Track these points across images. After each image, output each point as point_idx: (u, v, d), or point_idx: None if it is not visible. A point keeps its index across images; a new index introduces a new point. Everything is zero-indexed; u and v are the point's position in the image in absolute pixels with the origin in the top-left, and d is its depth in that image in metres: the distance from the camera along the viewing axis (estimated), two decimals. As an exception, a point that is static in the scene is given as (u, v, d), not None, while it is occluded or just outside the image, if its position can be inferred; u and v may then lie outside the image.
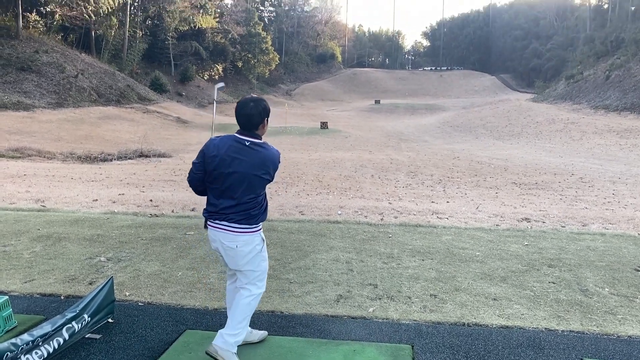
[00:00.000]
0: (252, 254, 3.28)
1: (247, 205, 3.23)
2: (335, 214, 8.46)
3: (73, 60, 44.70)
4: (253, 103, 3.20)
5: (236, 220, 3.22)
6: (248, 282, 3.36)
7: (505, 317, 4.23)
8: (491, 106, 56.54)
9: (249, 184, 3.20)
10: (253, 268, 3.32)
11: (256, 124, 3.22)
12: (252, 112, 3.18)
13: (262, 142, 3.27)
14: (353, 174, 17.34)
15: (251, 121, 3.19)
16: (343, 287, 4.89)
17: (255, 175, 3.19)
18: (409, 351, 3.62)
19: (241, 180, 3.18)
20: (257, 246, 3.31)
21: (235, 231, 3.23)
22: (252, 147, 3.21)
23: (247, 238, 3.24)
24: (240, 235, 3.23)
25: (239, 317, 3.29)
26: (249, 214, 3.24)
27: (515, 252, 6.16)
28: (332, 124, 46.07)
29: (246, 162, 3.18)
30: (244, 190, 3.20)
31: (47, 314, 4.05)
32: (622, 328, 4.07)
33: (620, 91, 43.96)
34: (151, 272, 5.20)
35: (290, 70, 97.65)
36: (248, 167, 3.17)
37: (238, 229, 3.23)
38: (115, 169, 17.80)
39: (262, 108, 3.20)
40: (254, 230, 3.28)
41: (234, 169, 3.17)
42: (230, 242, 3.24)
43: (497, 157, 24.89)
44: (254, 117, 3.18)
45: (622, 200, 11.90)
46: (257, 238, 3.32)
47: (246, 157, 3.19)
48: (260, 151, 3.22)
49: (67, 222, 7.34)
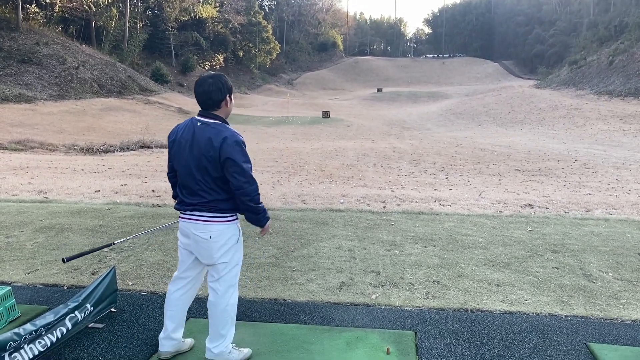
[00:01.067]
0: (228, 245, 3.03)
1: (212, 192, 2.95)
2: (337, 203, 8.45)
3: (74, 52, 44.60)
4: (212, 79, 2.93)
5: (207, 208, 2.97)
6: (218, 278, 3.09)
7: (508, 303, 4.22)
8: (494, 93, 56.29)
9: (205, 168, 2.91)
10: (227, 260, 3.04)
11: (217, 101, 2.94)
12: (211, 88, 2.91)
13: (216, 122, 2.95)
14: (355, 163, 17.31)
15: (211, 98, 2.92)
16: (346, 274, 4.88)
17: (206, 157, 2.88)
18: (412, 337, 3.61)
19: (197, 164, 2.93)
20: (234, 237, 3.05)
21: (207, 221, 2.98)
22: (202, 127, 2.93)
23: (221, 228, 2.98)
24: (213, 225, 2.97)
25: (221, 326, 3.11)
26: (216, 202, 2.96)
27: (518, 238, 6.14)
28: (334, 113, 45.96)
29: (197, 144, 2.91)
30: (202, 175, 2.93)
31: (50, 304, 4.05)
32: (626, 312, 4.06)
33: (624, 76, 43.66)
34: (154, 262, 5.20)
35: (291, 60, 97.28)
36: (198, 149, 2.90)
37: (210, 218, 2.97)
38: (117, 160, 17.81)
39: (222, 84, 2.93)
40: (228, 220, 3.01)
41: (189, 153, 2.94)
42: (202, 233, 2.98)
43: (500, 144, 24.81)
44: (213, 94, 2.91)
45: (625, 186, 11.86)
46: (233, 228, 3.05)
47: (196, 139, 2.92)
48: (208, 130, 2.90)
49: (69, 213, 7.35)
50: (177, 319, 3.26)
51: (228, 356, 3.16)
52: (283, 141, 27.26)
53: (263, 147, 23.10)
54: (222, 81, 2.95)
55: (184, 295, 3.27)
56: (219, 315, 3.12)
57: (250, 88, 73.55)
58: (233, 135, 2.90)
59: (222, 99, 2.95)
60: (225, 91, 2.96)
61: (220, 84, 2.94)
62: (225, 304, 3.11)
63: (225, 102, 2.98)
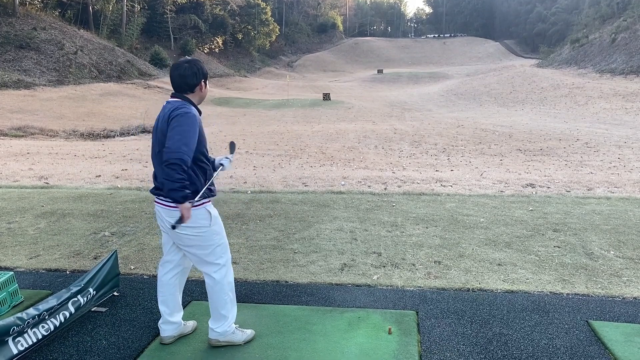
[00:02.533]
0: (198, 230, 2.95)
1: None
2: (338, 185, 8.44)
3: (72, 37, 44.30)
4: (187, 64, 2.94)
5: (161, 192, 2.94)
6: (203, 264, 3.06)
7: (510, 282, 4.23)
8: (495, 73, 55.92)
9: (161, 146, 2.87)
10: (201, 243, 2.98)
11: (191, 85, 2.94)
12: (187, 72, 2.91)
13: (179, 101, 2.91)
14: (357, 145, 17.27)
15: (186, 82, 2.91)
16: (347, 255, 4.89)
17: (163, 135, 2.84)
18: (414, 317, 3.63)
19: (157, 142, 2.92)
20: (203, 221, 2.96)
21: (171, 206, 2.90)
22: (167, 105, 2.93)
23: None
24: (176, 211, 2.85)
25: (220, 306, 3.10)
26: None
27: (519, 218, 6.13)
28: (335, 95, 45.74)
29: (160, 125, 2.90)
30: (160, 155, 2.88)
31: (53, 289, 4.07)
32: (627, 290, 4.06)
33: (626, 54, 43.26)
34: (155, 246, 5.21)
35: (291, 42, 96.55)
36: (160, 129, 2.89)
37: (169, 202, 2.91)
38: (118, 145, 17.79)
39: (198, 69, 2.94)
40: (195, 206, 2.88)
41: (154, 135, 2.96)
42: (170, 218, 2.92)
43: (501, 124, 24.69)
44: (189, 78, 2.91)
45: (627, 165, 11.83)
46: (201, 213, 2.95)
47: (160, 119, 2.92)
48: (168, 107, 2.89)
49: (70, 199, 7.35)
50: (171, 302, 3.24)
51: (231, 336, 3.19)
52: (283, 124, 27.16)
53: (263, 130, 23.04)
54: (197, 66, 2.97)
55: (173, 279, 3.24)
56: (216, 295, 3.12)
57: (249, 71, 73.12)
58: (185, 107, 2.84)
59: (196, 84, 2.96)
60: (200, 76, 2.97)
61: (196, 68, 2.95)
62: (220, 284, 3.09)
63: (200, 86, 2.99)
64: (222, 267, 3.10)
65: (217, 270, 3.09)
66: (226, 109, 37.14)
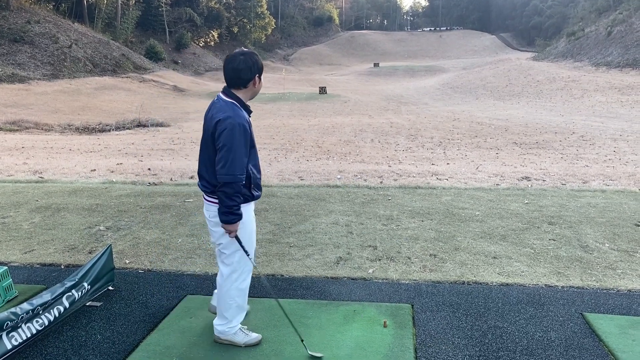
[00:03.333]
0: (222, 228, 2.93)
1: (209, 172, 2.92)
2: (334, 179, 8.42)
3: (66, 30, 44.01)
4: (243, 56, 2.80)
5: (205, 189, 2.97)
6: (223, 260, 3.08)
7: (505, 275, 4.23)
8: (491, 66, 55.86)
9: (207, 146, 2.89)
10: (224, 242, 2.99)
11: (245, 80, 2.82)
12: (241, 66, 2.79)
13: (230, 101, 2.85)
14: (353, 139, 17.24)
15: (240, 76, 2.81)
16: (343, 249, 4.89)
17: (208, 136, 2.85)
18: (409, 310, 3.63)
19: (204, 141, 2.92)
20: None
21: (207, 200, 2.99)
22: (216, 104, 2.87)
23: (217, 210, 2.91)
24: (210, 205, 2.96)
25: (223, 308, 3.12)
26: (211, 184, 2.92)
27: (515, 211, 6.14)
28: (331, 88, 45.65)
29: (206, 123, 2.88)
30: (205, 153, 2.92)
31: (47, 284, 4.05)
32: (621, 282, 4.08)
33: (622, 47, 43.31)
34: (151, 240, 5.20)
35: (286, 35, 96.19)
36: (206, 127, 2.87)
37: (208, 198, 2.98)
38: (113, 139, 17.71)
39: (253, 63, 2.81)
40: None
41: (203, 130, 2.93)
42: (205, 211, 3.03)
43: (497, 117, 24.71)
44: (242, 72, 2.80)
45: (623, 157, 11.86)
46: None
47: (207, 117, 2.89)
48: (217, 108, 2.84)
49: (65, 193, 7.32)
50: None
51: (232, 337, 3.17)
52: (280, 118, 27.10)
53: (259, 124, 22.97)
54: (253, 60, 2.83)
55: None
56: (223, 297, 3.11)
57: (245, 65, 72.83)
58: (233, 117, 2.76)
59: (250, 79, 2.84)
60: (255, 71, 2.84)
61: (251, 62, 2.82)
62: (228, 288, 3.08)
63: (254, 82, 2.87)
64: (234, 272, 3.06)
65: (230, 274, 3.07)
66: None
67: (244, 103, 2.91)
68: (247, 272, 3.13)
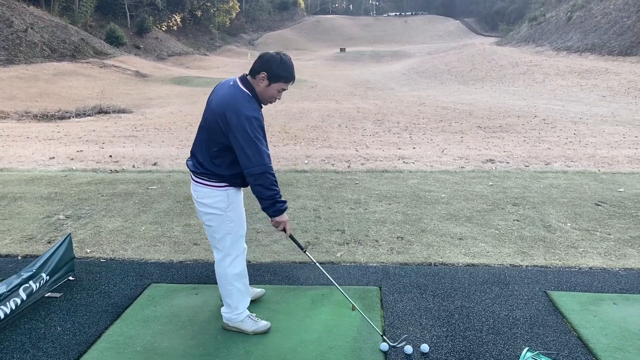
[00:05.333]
0: (213, 210, 2.90)
1: (203, 154, 2.87)
2: (302, 164, 8.36)
3: (21, 14, 42.22)
4: (268, 54, 2.85)
5: (195, 170, 2.91)
6: (213, 247, 3.07)
7: (470, 256, 4.28)
8: (455, 51, 56.41)
9: (208, 126, 2.82)
10: (213, 225, 2.94)
11: (254, 70, 2.81)
12: (260, 57, 2.85)
13: (243, 89, 2.80)
14: (320, 124, 17.17)
15: (254, 63, 2.83)
16: (311, 234, 4.85)
17: (211, 117, 2.78)
18: (377, 292, 3.63)
19: (205, 122, 2.85)
20: (219, 204, 2.88)
21: (195, 180, 2.94)
22: (229, 87, 2.82)
23: (206, 191, 2.88)
24: (198, 186, 2.92)
25: (224, 294, 3.09)
26: (203, 166, 2.87)
27: (480, 193, 6.22)
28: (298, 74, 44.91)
29: (213, 103, 2.80)
30: (204, 133, 2.85)
31: (3, 275, 3.88)
32: (583, 260, 4.17)
33: (581, 32, 44.31)
34: (113, 228, 5.05)
35: (251, 19, 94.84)
36: (211, 108, 2.80)
37: (196, 179, 2.92)
38: (73, 127, 17.15)
39: (268, 59, 2.79)
40: (213, 185, 2.87)
41: (207, 111, 2.86)
42: (193, 191, 2.98)
43: (462, 102, 25.00)
44: (257, 62, 2.82)
45: (583, 140, 12.16)
46: (219, 195, 2.88)
47: (216, 97, 2.82)
48: (229, 91, 2.78)
49: (22, 181, 7.04)
50: None
51: (240, 324, 3.12)
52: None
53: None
54: (270, 58, 2.81)
55: None
56: (221, 283, 3.07)
57: (209, 49, 71.59)
58: (246, 108, 2.71)
59: (258, 71, 2.79)
60: (266, 68, 2.77)
61: (267, 58, 2.81)
62: (223, 273, 3.03)
63: (262, 77, 2.79)
64: (227, 257, 3.02)
65: (222, 259, 3.03)
66: (186, 89, 36.25)
67: (257, 96, 2.84)
68: (240, 255, 3.07)
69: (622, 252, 4.34)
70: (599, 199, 5.88)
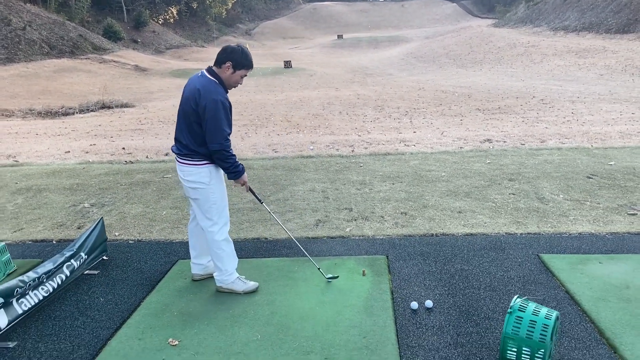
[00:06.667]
0: (198, 184, 3.34)
1: (186, 138, 3.28)
2: (307, 150, 8.71)
3: (18, 12, 42.34)
4: (231, 45, 3.32)
5: (179, 152, 3.35)
6: (201, 215, 3.45)
7: (469, 226, 4.65)
8: (453, 34, 56.38)
9: (185, 114, 3.26)
10: (199, 197, 3.38)
11: (219, 60, 3.25)
12: (223, 49, 3.29)
13: (211, 76, 3.26)
14: (321, 112, 17.46)
15: (218, 55, 3.27)
16: (321, 213, 5.22)
17: (189, 105, 3.22)
18: (384, 260, 4.00)
19: (182, 110, 3.29)
20: (203, 179, 3.34)
21: (179, 162, 3.38)
22: (199, 78, 3.29)
23: (191, 169, 3.33)
24: (184, 166, 3.35)
25: (215, 258, 3.52)
26: (187, 147, 3.29)
27: (478, 170, 6.57)
28: (296, 62, 45.45)
29: (187, 92, 3.26)
30: (182, 120, 3.29)
31: (42, 258, 4.26)
32: (573, 227, 4.54)
33: (578, 11, 44.32)
34: (136, 214, 5.42)
35: (247, 9, 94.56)
36: (186, 97, 3.25)
37: (182, 159, 3.35)
38: (79, 122, 17.48)
39: (232, 51, 3.25)
40: (197, 163, 3.32)
41: (182, 100, 3.30)
42: (179, 171, 3.43)
43: (460, 85, 25.24)
44: (220, 54, 3.26)
45: (580, 118, 12.45)
46: (203, 171, 3.33)
47: (189, 87, 3.28)
48: (201, 81, 3.24)
49: (44, 174, 7.41)
50: (197, 247, 3.75)
51: (231, 285, 3.58)
52: (246, 94, 27.02)
53: (227, 100, 22.90)
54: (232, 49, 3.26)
55: (196, 228, 3.67)
56: (212, 249, 3.51)
57: (207, 41, 71.53)
58: (215, 93, 3.17)
59: (223, 61, 3.24)
60: (230, 58, 3.23)
61: (230, 49, 3.26)
62: (212, 239, 3.47)
63: (227, 66, 3.24)
64: (215, 225, 3.45)
65: (211, 226, 3.45)
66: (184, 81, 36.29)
67: (223, 83, 3.30)
68: (225, 222, 3.51)
69: (610, 218, 4.70)
70: (590, 172, 6.23)
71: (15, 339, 3.08)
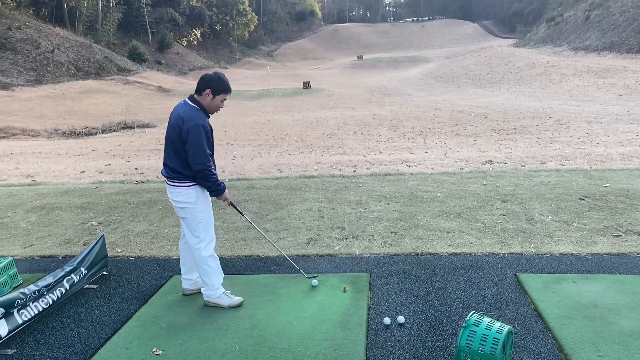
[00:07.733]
0: (185, 204, 3.60)
1: (172, 161, 3.55)
2: (312, 170, 8.95)
3: (48, 35, 43.98)
4: (209, 73, 3.60)
5: (168, 175, 3.61)
6: (189, 233, 3.70)
7: (455, 246, 4.79)
8: (473, 54, 56.47)
9: (170, 140, 3.54)
10: (187, 216, 3.65)
11: (199, 89, 3.54)
12: (202, 78, 3.57)
13: (194, 106, 3.54)
14: (336, 132, 17.74)
15: (198, 84, 3.55)
16: (314, 231, 5.42)
17: (173, 131, 3.51)
18: (367, 278, 4.18)
19: (168, 136, 3.57)
20: (190, 199, 3.59)
21: (169, 184, 3.65)
22: (182, 105, 3.58)
23: (179, 191, 3.59)
24: (172, 188, 3.62)
25: (202, 274, 3.76)
26: (175, 170, 3.55)
27: (473, 191, 6.71)
28: (315, 83, 46.06)
29: (172, 119, 3.55)
30: (169, 146, 3.56)
31: (48, 272, 4.54)
32: (555, 248, 4.65)
33: (599, 31, 44.08)
34: (140, 232, 5.70)
35: (269, 31, 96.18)
36: (171, 123, 3.54)
37: (170, 182, 3.62)
38: (100, 142, 18.08)
39: (210, 79, 3.53)
40: (184, 185, 3.57)
41: (169, 126, 3.58)
42: (169, 193, 3.69)
43: (477, 105, 25.31)
44: (200, 82, 3.54)
45: (595, 139, 12.45)
46: (189, 192, 3.58)
47: (173, 115, 3.57)
48: (183, 109, 3.53)
49: (58, 193, 7.78)
50: (187, 263, 3.99)
51: (217, 299, 3.81)
52: (264, 114, 27.53)
53: (244, 121, 23.42)
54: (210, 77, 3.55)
55: (186, 245, 3.89)
56: (199, 265, 3.75)
57: (229, 62, 72.98)
58: (197, 118, 3.47)
59: (203, 89, 3.53)
60: (209, 85, 3.52)
61: (208, 78, 3.55)
62: (199, 256, 3.71)
63: (207, 93, 3.53)
64: (202, 242, 3.71)
65: (198, 243, 3.71)
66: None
67: (204, 109, 3.60)
68: (210, 240, 3.76)
69: (593, 240, 4.80)
70: (583, 194, 6.31)
71: (14, 347, 3.34)
